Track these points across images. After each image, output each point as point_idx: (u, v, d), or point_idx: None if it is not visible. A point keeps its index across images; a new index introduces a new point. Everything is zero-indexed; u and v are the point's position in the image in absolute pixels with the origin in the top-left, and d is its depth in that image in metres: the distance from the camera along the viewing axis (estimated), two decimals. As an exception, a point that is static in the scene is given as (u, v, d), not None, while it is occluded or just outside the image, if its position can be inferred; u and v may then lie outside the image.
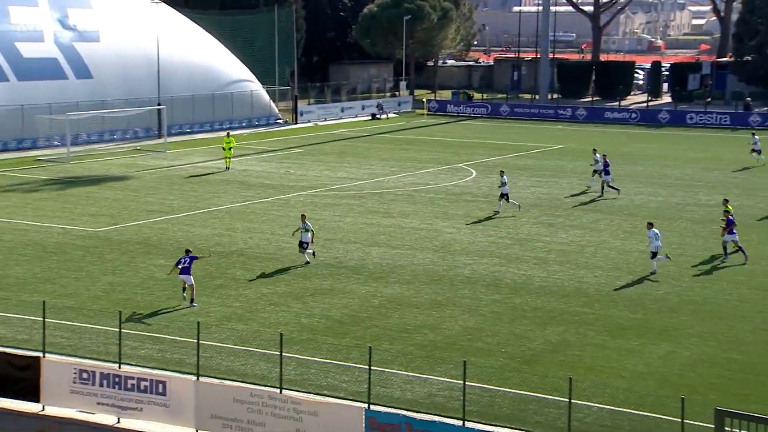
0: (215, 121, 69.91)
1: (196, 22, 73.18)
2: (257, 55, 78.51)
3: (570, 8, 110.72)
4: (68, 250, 33.59)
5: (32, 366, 20.62)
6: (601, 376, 22.61)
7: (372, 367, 19.51)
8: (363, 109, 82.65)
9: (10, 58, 59.03)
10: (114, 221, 38.53)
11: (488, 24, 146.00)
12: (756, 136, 56.57)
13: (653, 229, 31.17)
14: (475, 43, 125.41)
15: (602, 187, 44.93)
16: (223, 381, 20.96)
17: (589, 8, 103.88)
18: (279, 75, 77.28)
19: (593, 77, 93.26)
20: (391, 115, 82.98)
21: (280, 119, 75.72)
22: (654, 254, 31.07)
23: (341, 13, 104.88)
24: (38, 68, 60.14)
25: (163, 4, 66.62)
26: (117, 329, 21.59)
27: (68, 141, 55.00)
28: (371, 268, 32.00)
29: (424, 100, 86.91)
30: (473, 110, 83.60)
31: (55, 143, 57.76)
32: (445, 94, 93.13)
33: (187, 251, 28.17)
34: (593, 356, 24.07)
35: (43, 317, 21.50)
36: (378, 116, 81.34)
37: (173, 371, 21.78)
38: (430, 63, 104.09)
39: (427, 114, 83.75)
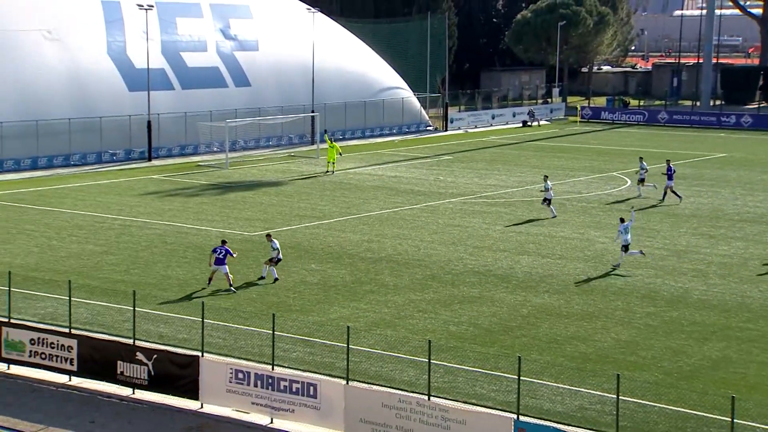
0: (366, 128, 70.98)
1: (350, 30, 74.56)
2: (409, 63, 79.25)
3: (736, 11, 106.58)
4: (225, 252, 34.81)
5: (192, 364, 21.47)
6: (767, 395, 21.65)
7: (521, 378, 19.35)
8: (514, 116, 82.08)
9: (176, 67, 61.81)
10: (268, 225, 39.65)
11: (647, 28, 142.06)
12: None
13: (624, 223, 32.37)
14: (633, 48, 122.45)
15: (664, 193, 44.86)
16: (371, 386, 21.22)
17: (758, 11, 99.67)
18: (430, 82, 77.71)
19: (761, 82, 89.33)
20: (542, 122, 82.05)
21: (431, 126, 76.12)
22: (625, 248, 32.22)
23: (494, 20, 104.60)
24: (201, 77, 62.71)
25: (319, 12, 68.19)
26: (270, 332, 22.21)
27: (227, 147, 57.05)
28: (520, 277, 31.75)
29: (578, 107, 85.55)
30: (629, 117, 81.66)
31: (215, 149, 60.02)
32: (600, 101, 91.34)
33: (224, 242, 29.76)
34: (758, 375, 23.08)
35: (202, 318, 22.35)
36: (529, 123, 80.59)
37: (324, 374, 22.23)
38: (585, 69, 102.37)
39: (580, 121, 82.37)
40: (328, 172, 53.28)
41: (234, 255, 30.03)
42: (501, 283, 30.98)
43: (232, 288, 29.28)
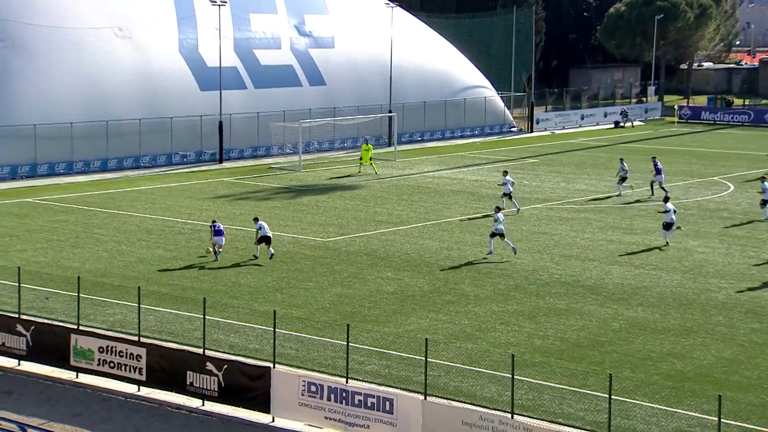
0: (446, 129, 70.93)
1: (430, 26, 74.61)
2: (493, 60, 79.00)
3: None
4: (298, 259, 35.16)
5: (263, 376, 21.73)
6: None
7: (612, 396, 19.11)
8: (605, 116, 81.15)
9: (248, 65, 62.61)
10: (342, 231, 39.94)
11: (753, 21, 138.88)
12: None
13: (499, 213, 35.41)
14: (738, 43, 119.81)
15: (652, 187, 47.22)
16: (451, 402, 21.19)
17: None
18: (515, 80, 77.32)
19: None
20: (636, 123, 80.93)
21: (515, 127, 75.72)
22: (494, 234, 35.30)
23: (584, 14, 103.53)
24: (274, 75, 63.40)
25: (398, 7, 68.38)
26: (344, 343, 22.36)
27: (300, 149, 57.62)
28: (611, 289, 31.36)
29: (675, 106, 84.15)
30: (732, 118, 79.99)
31: (288, 151, 60.64)
32: (700, 100, 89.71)
33: (214, 221, 35.35)
34: None
35: (274, 328, 22.60)
36: (622, 124, 79.56)
37: (400, 389, 22.28)
38: (683, 66, 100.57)
39: (678, 122, 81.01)
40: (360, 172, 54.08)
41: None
42: (590, 295, 30.65)
43: (216, 258, 34.51)
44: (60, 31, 55.69)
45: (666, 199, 38.92)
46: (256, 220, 35.86)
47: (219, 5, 58.19)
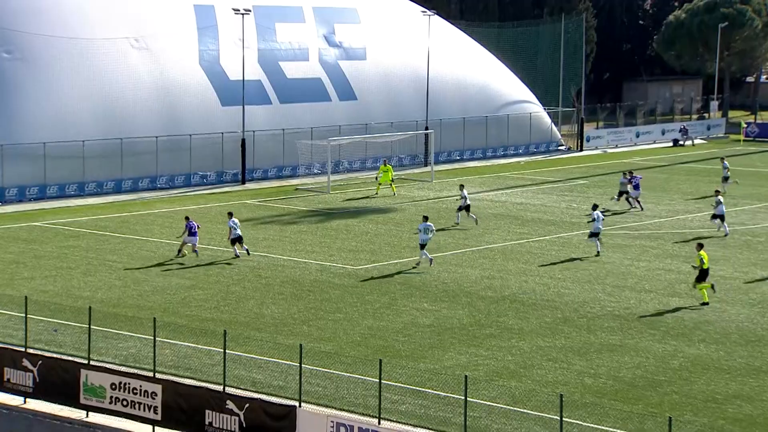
0: (488, 147, 70.92)
1: (471, 36, 74.81)
2: (539, 72, 79.09)
3: None
4: (326, 288, 35.24)
5: (288, 416, 21.73)
6: None
7: (669, 442, 18.93)
8: (663, 134, 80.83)
9: (273, 78, 62.99)
10: (374, 258, 39.97)
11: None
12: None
13: (425, 223, 38.17)
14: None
15: (628, 201, 50.46)
16: (492, 446, 21.08)
17: None
18: (563, 94, 77.26)
19: None
20: (697, 141, 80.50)
21: (563, 146, 75.58)
22: (422, 246, 38.08)
23: (640, 22, 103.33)
24: (301, 89, 63.77)
25: (435, 16, 68.61)
26: (377, 380, 22.33)
27: (329, 169, 57.84)
28: (670, 323, 31.13)
29: (742, 123, 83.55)
30: (804, 135, 79.37)
31: (315, 171, 60.92)
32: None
33: (189, 219, 39.49)
34: None
35: (300, 363, 22.62)
36: (681, 143, 79.16)
37: (437, 431, 22.16)
38: (750, 78, 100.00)
39: (744, 140, 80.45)
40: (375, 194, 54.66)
41: (199, 227, 39.45)
42: (647, 330, 30.44)
43: (195, 254, 39.22)
44: (71, 42, 56.38)
45: (594, 207, 41.63)
46: (230, 215, 39.48)
47: (242, 14, 58.68)
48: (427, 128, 65.44)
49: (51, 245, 41.91)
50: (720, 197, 45.06)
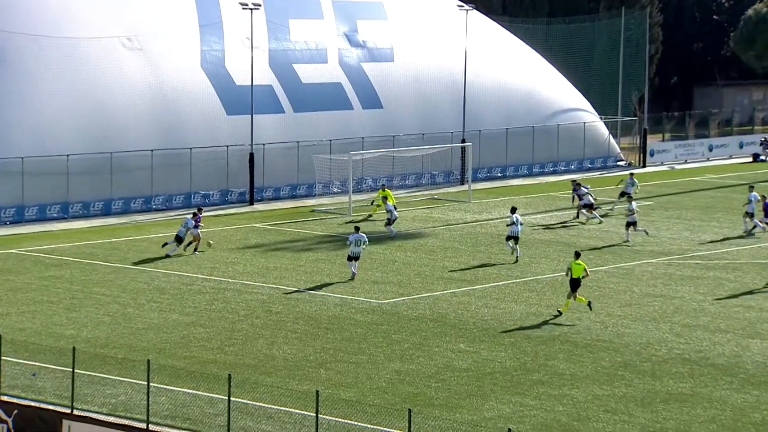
0: (534, 163, 70.81)
1: (515, 34, 74.88)
2: (594, 76, 79.03)
3: None
4: (347, 326, 35.27)
5: (301, 473, 21.72)
6: None
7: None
8: (741, 147, 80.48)
9: (287, 84, 63.08)
10: (403, 291, 39.97)
11: None
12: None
13: (357, 234, 41.47)
14: None
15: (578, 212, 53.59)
16: None
17: None
18: (623, 102, 77.14)
19: None
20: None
21: (623, 160, 75.41)
22: (350, 258, 41.68)
23: (714, 17, 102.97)
24: (319, 96, 63.88)
25: (475, 11, 68.72)
26: (405, 432, 22.35)
27: (350, 187, 57.92)
28: (750, 369, 30.99)
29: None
30: None
31: (335, 190, 61.02)
32: None
33: (198, 211, 47.01)
34: None
35: (316, 413, 22.67)
36: (763, 157, 78.77)
37: (475, 492, 22.14)
38: None
39: (838, 154, 79.97)
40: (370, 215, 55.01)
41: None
42: (722, 377, 30.32)
43: (196, 252, 45.52)
44: (54, 42, 56.72)
45: (513, 210, 45.74)
46: (196, 212, 46.50)
47: (251, 9, 58.98)
48: (464, 141, 65.46)
49: (29, 276, 42.16)
50: None
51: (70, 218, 54.34)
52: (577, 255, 37.57)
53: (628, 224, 49.02)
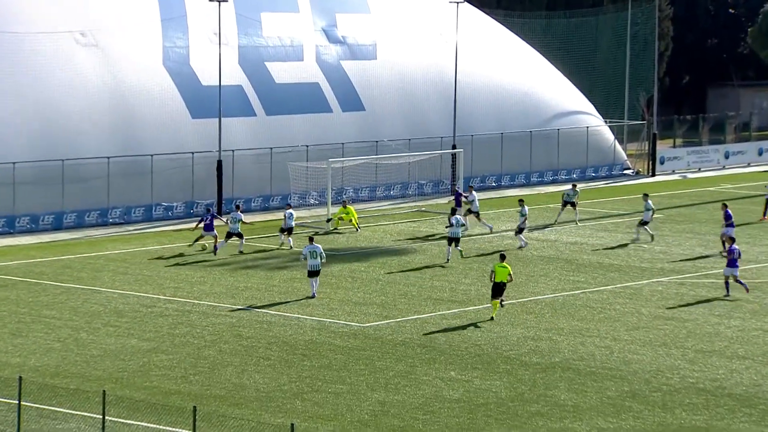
0: (532, 171, 70.86)
1: (511, 29, 75.01)
2: (598, 75, 79.17)
3: None
4: (325, 352, 35.16)
5: None
6: None
7: None
8: (760, 154, 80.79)
9: (258, 84, 63.00)
10: (387, 313, 39.88)
11: None
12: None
13: (311, 245, 42.22)
14: None
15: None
16: None
17: None
18: (630, 104, 77.30)
19: None
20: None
21: (630, 169, 75.58)
22: (311, 274, 42.24)
23: (730, 10, 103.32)
24: (294, 98, 63.84)
25: (466, 4, 68.77)
26: (390, 470, 22.27)
27: (329, 198, 57.83)
28: (769, 399, 31.06)
29: None
30: None
31: (312, 201, 60.94)
32: None
33: (209, 209, 50.49)
34: None
35: (290, 447, 22.55)
36: (782, 165, 79.10)
37: None
38: None
39: None
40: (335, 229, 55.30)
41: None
42: (740, 408, 30.34)
43: (217, 249, 48.95)
44: None
45: (453, 212, 50.45)
46: (239, 204, 48.71)
47: (219, 1, 58.85)
48: (454, 147, 65.52)
49: (-28, 297, 42.00)
50: None
51: (16, 233, 54.12)
52: (503, 258, 39.79)
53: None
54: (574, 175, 72.02)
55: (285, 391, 31.42)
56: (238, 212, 50.77)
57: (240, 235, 49.81)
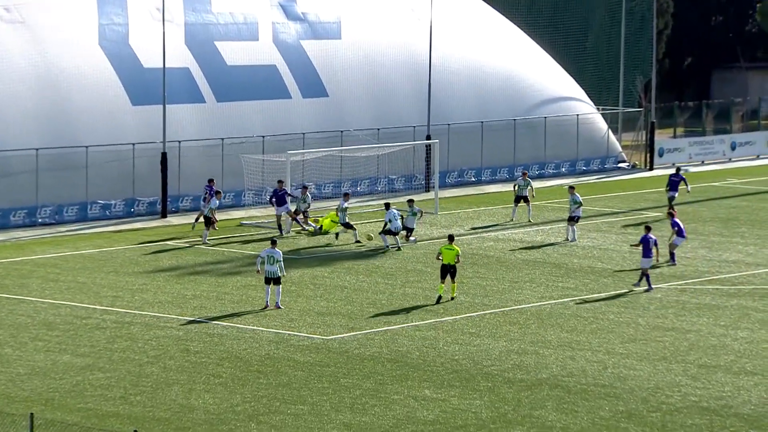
0: (516, 164, 70.90)
1: (492, 5, 74.99)
2: (590, 57, 79.32)
3: None
4: (283, 368, 35.12)
5: None
6: None
7: None
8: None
9: (208, 67, 62.78)
10: (354, 324, 39.89)
11: None
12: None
13: (270, 249, 42.22)
14: None
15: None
16: None
17: None
18: (625, 89, 77.48)
19: None
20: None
21: (625, 162, 75.82)
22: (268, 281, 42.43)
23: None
24: (248, 82, 63.67)
25: (440, -24, 68.96)
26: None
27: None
28: (780, 419, 31.24)
29: None
30: None
31: (268, 198, 60.84)
32: None
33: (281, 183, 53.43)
34: None
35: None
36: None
37: None
38: None
39: None
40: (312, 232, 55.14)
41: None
42: (748, 430, 30.50)
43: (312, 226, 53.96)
44: None
45: (387, 206, 52.75)
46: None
47: (162, -27, 58.81)
48: (428, 137, 65.57)
49: None
50: None
51: (-66, 235, 53.96)
52: (451, 239, 43.44)
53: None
54: (563, 169, 72.30)
55: (238, 413, 31.37)
56: (307, 193, 55.82)
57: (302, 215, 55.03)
